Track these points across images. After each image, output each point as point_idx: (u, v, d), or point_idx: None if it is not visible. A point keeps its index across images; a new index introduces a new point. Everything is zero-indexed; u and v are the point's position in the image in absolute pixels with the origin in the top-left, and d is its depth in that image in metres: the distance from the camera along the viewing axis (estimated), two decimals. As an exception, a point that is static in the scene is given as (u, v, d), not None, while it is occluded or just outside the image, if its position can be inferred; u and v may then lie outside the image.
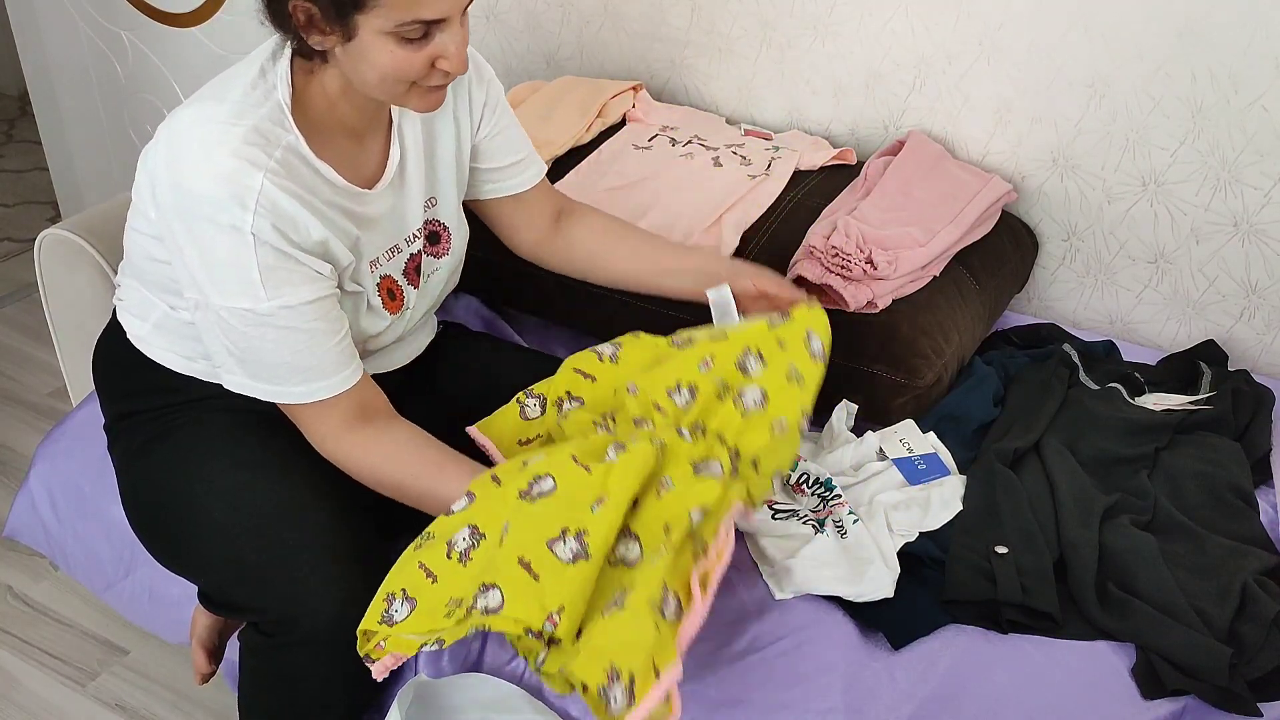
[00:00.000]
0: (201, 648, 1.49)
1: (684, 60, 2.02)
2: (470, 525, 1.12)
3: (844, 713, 1.16)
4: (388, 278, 1.29)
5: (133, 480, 1.33)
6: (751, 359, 1.24)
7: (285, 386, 1.18)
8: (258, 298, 1.12)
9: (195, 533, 1.25)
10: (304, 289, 1.15)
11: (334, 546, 1.20)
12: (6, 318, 2.58)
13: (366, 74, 1.13)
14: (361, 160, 1.25)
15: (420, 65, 1.12)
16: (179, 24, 2.34)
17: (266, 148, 1.12)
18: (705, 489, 1.13)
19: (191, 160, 1.11)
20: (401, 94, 1.16)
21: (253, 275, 1.11)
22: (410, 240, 1.32)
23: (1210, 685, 1.17)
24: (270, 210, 1.11)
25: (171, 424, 1.30)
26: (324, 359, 1.17)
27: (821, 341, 1.25)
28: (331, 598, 1.17)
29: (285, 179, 1.12)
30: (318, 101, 1.19)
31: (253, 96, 1.15)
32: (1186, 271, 1.77)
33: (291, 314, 1.14)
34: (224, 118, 1.13)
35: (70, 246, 1.65)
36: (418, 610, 1.11)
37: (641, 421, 1.26)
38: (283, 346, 1.15)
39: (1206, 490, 1.42)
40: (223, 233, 1.10)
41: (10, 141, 3.42)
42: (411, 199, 1.31)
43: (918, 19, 1.79)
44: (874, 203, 1.65)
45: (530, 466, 1.14)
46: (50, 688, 1.72)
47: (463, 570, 1.10)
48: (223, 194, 1.09)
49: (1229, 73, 1.61)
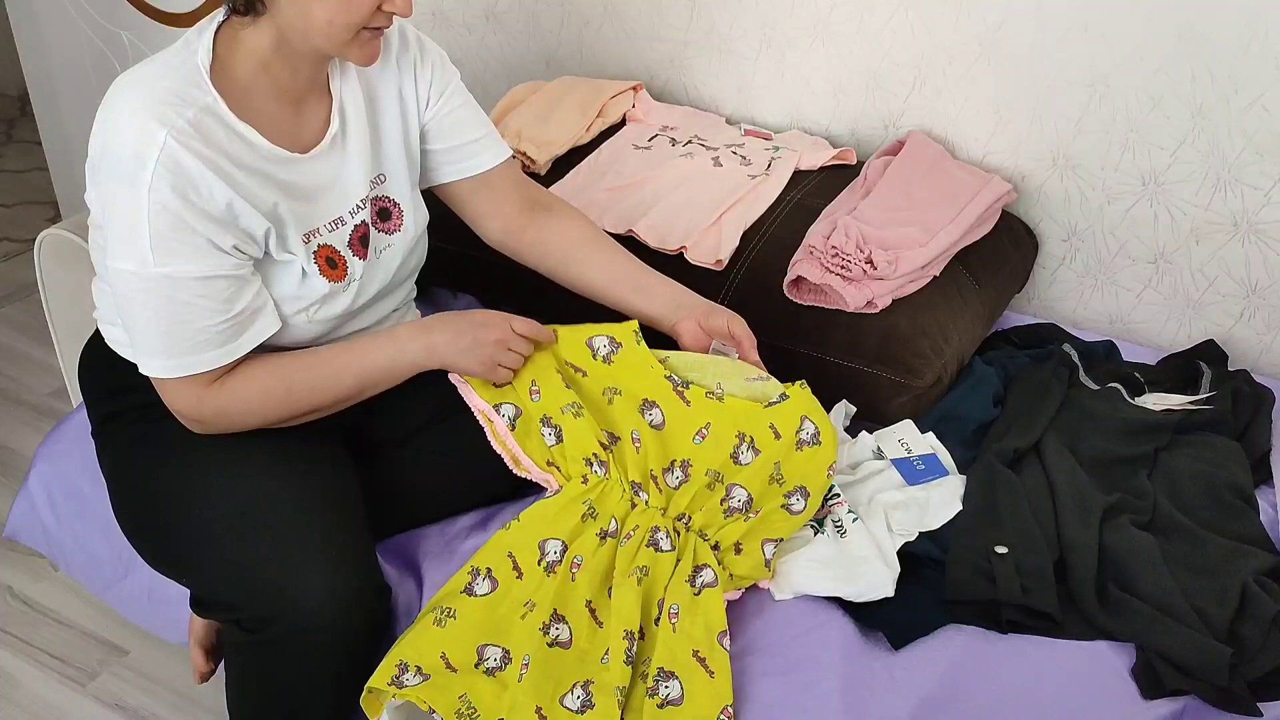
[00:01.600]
0: (200, 647, 1.49)
1: (684, 60, 2.02)
2: (501, 648, 1.19)
3: (844, 713, 1.15)
4: (327, 246, 1.27)
5: (119, 483, 1.33)
6: (744, 449, 1.28)
7: (157, 359, 1.18)
8: (145, 262, 1.12)
9: (180, 532, 1.25)
10: (193, 263, 1.14)
11: (318, 543, 1.20)
12: (6, 318, 2.58)
13: (314, 14, 1.13)
14: (297, 126, 1.24)
15: (367, 6, 1.14)
16: (179, 24, 2.34)
17: (178, 107, 1.12)
18: (712, 604, 1.22)
19: (108, 124, 1.13)
20: (345, 41, 1.16)
21: (142, 240, 1.12)
22: (354, 212, 1.30)
23: (1210, 685, 1.17)
24: (171, 169, 1.11)
25: (153, 424, 1.30)
26: (199, 336, 1.17)
27: (816, 427, 1.30)
28: (316, 595, 1.17)
29: (194, 139, 1.12)
30: (245, 63, 1.18)
31: (171, 63, 1.16)
32: (1186, 271, 1.77)
33: (172, 284, 1.14)
34: (137, 81, 1.15)
35: (70, 246, 1.65)
36: (430, 685, 1.16)
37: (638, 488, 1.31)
38: (160, 316, 1.15)
39: (1206, 490, 1.42)
40: (123, 189, 1.11)
41: (10, 141, 3.42)
42: (352, 170, 1.29)
43: (918, 19, 1.79)
44: (874, 203, 1.65)
45: (553, 596, 1.22)
46: (50, 688, 1.72)
47: (484, 681, 1.17)
48: (127, 150, 1.10)
49: (1229, 73, 1.61)
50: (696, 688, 1.16)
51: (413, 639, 1.20)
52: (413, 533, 1.41)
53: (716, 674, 1.17)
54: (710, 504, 1.28)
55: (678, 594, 1.22)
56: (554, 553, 1.26)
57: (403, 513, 1.39)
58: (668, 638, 1.19)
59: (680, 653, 1.18)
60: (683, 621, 1.20)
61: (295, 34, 1.16)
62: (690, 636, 1.19)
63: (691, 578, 1.24)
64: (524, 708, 1.14)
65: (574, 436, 1.32)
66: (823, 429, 1.30)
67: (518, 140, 1.78)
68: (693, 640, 1.19)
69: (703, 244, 1.63)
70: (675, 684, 1.16)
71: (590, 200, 1.70)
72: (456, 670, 1.17)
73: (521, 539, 1.27)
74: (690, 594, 1.23)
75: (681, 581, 1.24)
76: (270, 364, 1.24)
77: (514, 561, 1.26)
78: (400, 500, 1.38)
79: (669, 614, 1.21)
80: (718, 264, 1.60)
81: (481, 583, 1.24)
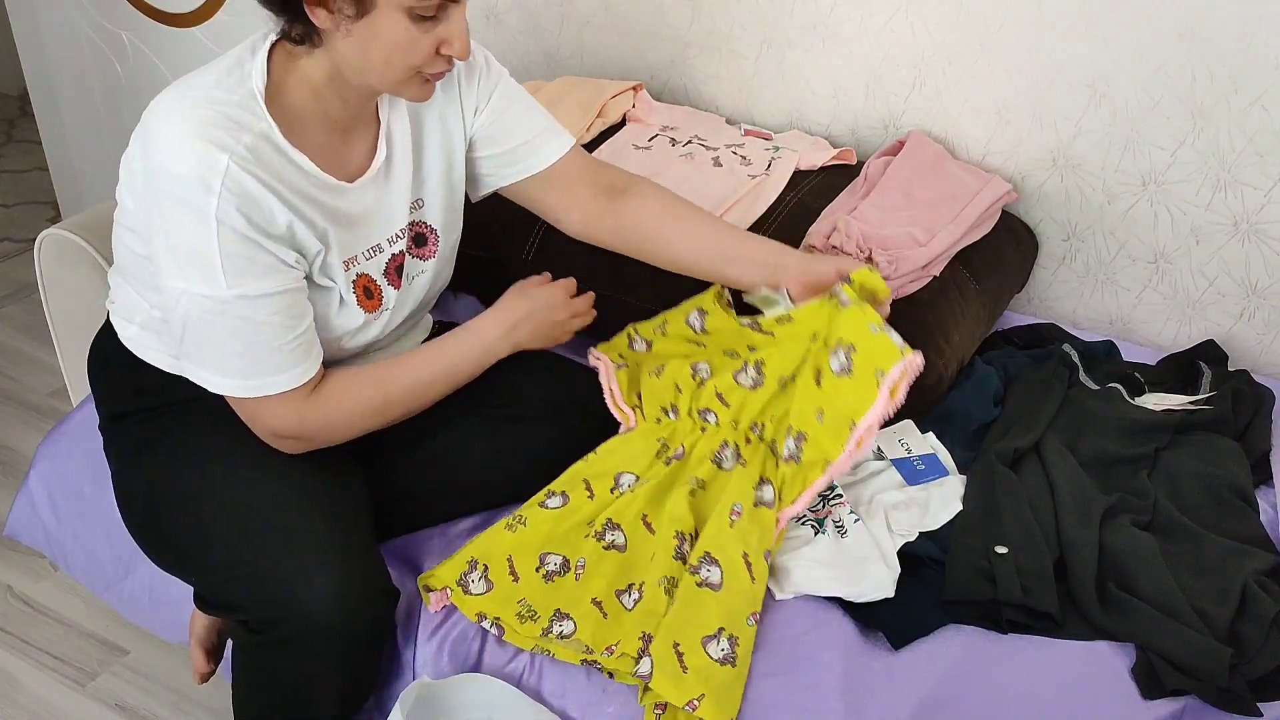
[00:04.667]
0: (200, 647, 1.49)
1: (684, 60, 2.02)
2: (561, 555, 1.29)
3: (844, 713, 1.16)
4: (364, 275, 1.28)
5: (127, 481, 1.33)
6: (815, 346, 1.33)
7: (235, 380, 1.17)
8: (217, 285, 1.11)
9: (188, 532, 1.25)
10: (265, 280, 1.14)
11: (326, 545, 1.20)
12: (6, 318, 2.58)
13: (372, 55, 1.12)
14: (344, 155, 1.24)
15: (427, 49, 1.13)
16: (179, 24, 2.34)
17: (235, 132, 1.12)
18: (767, 522, 1.29)
19: (161, 142, 1.11)
20: (401, 80, 1.16)
21: (214, 261, 1.11)
22: (393, 240, 1.31)
23: (1210, 685, 1.17)
24: (236, 193, 1.10)
25: (163, 424, 1.30)
26: (278, 354, 1.17)
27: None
28: (323, 597, 1.17)
29: (253, 164, 1.12)
30: (298, 91, 1.18)
31: (225, 84, 1.15)
32: (1186, 271, 1.77)
33: (249, 305, 1.13)
34: (193, 102, 1.13)
35: (70, 246, 1.65)
36: (493, 595, 1.25)
37: (706, 413, 1.40)
38: (236, 338, 1.15)
39: (1206, 490, 1.42)
40: (187, 214, 1.10)
41: (10, 141, 3.42)
42: (396, 198, 1.30)
43: (918, 19, 1.79)
44: (874, 203, 1.65)
45: (610, 509, 1.32)
46: (50, 688, 1.72)
47: (545, 588, 1.26)
48: (189, 175, 1.09)
49: (1229, 73, 1.61)
50: (736, 583, 1.22)
51: (484, 540, 1.30)
52: (414, 533, 1.41)
53: (757, 581, 1.24)
54: (780, 407, 1.35)
55: (743, 497, 1.29)
56: (626, 485, 1.35)
57: (405, 517, 1.40)
58: (723, 528, 1.26)
59: (730, 547, 1.24)
60: (742, 522, 1.27)
61: (350, 70, 1.16)
62: (744, 538, 1.25)
63: (758, 486, 1.32)
64: (581, 600, 1.24)
65: (651, 390, 1.44)
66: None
67: (518, 140, 1.78)
68: (745, 543, 1.25)
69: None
70: (717, 570, 1.23)
71: (590, 200, 1.70)
72: (519, 578, 1.26)
73: (598, 469, 1.36)
74: (753, 501, 1.30)
75: (749, 488, 1.31)
76: (364, 375, 1.26)
77: (588, 486, 1.35)
78: (403, 504, 1.38)
79: (731, 510, 1.28)
80: (718, 264, 1.60)
81: (554, 499, 1.33)
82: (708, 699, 1.13)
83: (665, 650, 1.17)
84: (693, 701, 1.13)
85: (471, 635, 1.28)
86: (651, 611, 1.21)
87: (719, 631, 1.19)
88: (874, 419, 1.24)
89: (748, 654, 1.19)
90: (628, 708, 1.20)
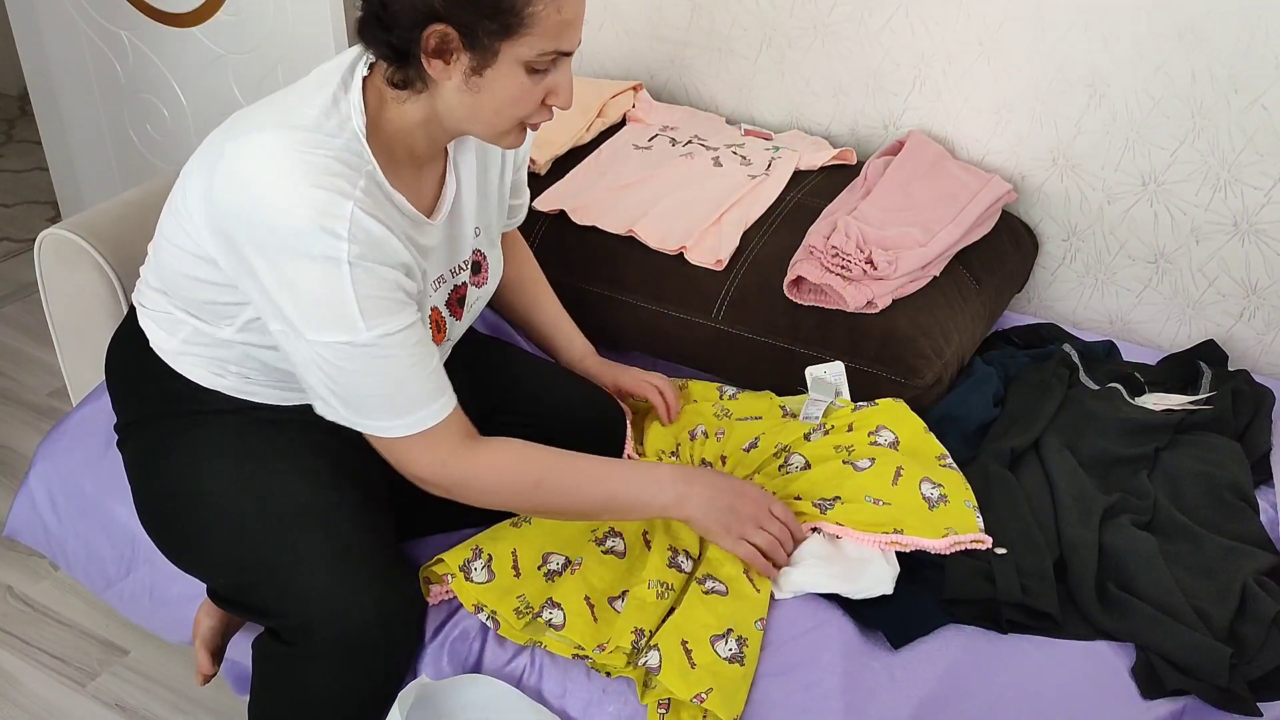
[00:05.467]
0: (205, 649, 1.48)
1: (684, 60, 2.02)
2: (564, 555, 1.30)
3: (844, 713, 1.15)
4: (435, 309, 1.27)
5: (148, 477, 1.31)
6: (817, 434, 1.43)
7: (385, 420, 1.14)
8: (356, 329, 1.08)
9: (216, 533, 1.24)
10: (401, 315, 1.11)
11: (359, 556, 1.19)
12: (6, 318, 2.58)
13: (483, 106, 1.11)
14: (421, 190, 1.22)
15: (536, 100, 1.12)
16: (179, 24, 2.33)
17: (350, 177, 1.08)
18: None
19: (272, 192, 1.05)
20: (506, 129, 1.15)
21: (350, 308, 1.07)
22: (456, 271, 1.30)
23: (1210, 685, 1.17)
24: (364, 239, 1.07)
25: (196, 428, 1.28)
26: (424, 385, 1.14)
27: (894, 434, 1.42)
28: (354, 608, 1.16)
29: (371, 207, 1.09)
30: (391, 130, 1.15)
31: (328, 125, 1.11)
32: (1186, 271, 1.77)
33: (392, 341, 1.10)
34: (301, 146, 1.07)
35: (70, 246, 1.64)
36: (493, 586, 1.26)
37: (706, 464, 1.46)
38: (383, 378, 1.11)
39: (1206, 490, 1.42)
40: (315, 265, 1.06)
41: (10, 141, 3.42)
42: (465, 230, 1.29)
43: (918, 19, 1.79)
44: (874, 203, 1.65)
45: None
46: (50, 688, 1.72)
47: (545, 585, 1.27)
48: (313, 226, 1.05)
49: (1229, 73, 1.61)
50: (741, 590, 1.25)
51: (491, 533, 1.31)
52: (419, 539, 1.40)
53: (761, 591, 1.25)
54: (771, 469, 1.41)
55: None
56: None
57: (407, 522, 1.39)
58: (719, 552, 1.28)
59: (729, 564, 1.27)
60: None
61: (453, 118, 1.14)
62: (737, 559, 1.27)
63: None
64: (574, 594, 1.25)
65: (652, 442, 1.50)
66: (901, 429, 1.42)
67: (518, 140, 1.78)
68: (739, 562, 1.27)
69: (703, 244, 1.63)
70: (722, 584, 1.25)
71: (590, 200, 1.70)
72: (520, 574, 1.27)
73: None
74: None
75: None
76: (529, 451, 1.22)
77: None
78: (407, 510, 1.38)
79: None
80: (718, 264, 1.60)
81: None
82: (716, 693, 1.14)
83: (673, 646, 1.17)
84: (700, 694, 1.14)
85: (472, 635, 1.28)
86: (641, 605, 1.21)
87: (727, 632, 1.19)
88: (919, 545, 1.29)
89: (755, 656, 1.20)
90: (628, 708, 1.20)
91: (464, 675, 1.26)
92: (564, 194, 1.72)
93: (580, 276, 1.63)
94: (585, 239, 1.66)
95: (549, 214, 1.69)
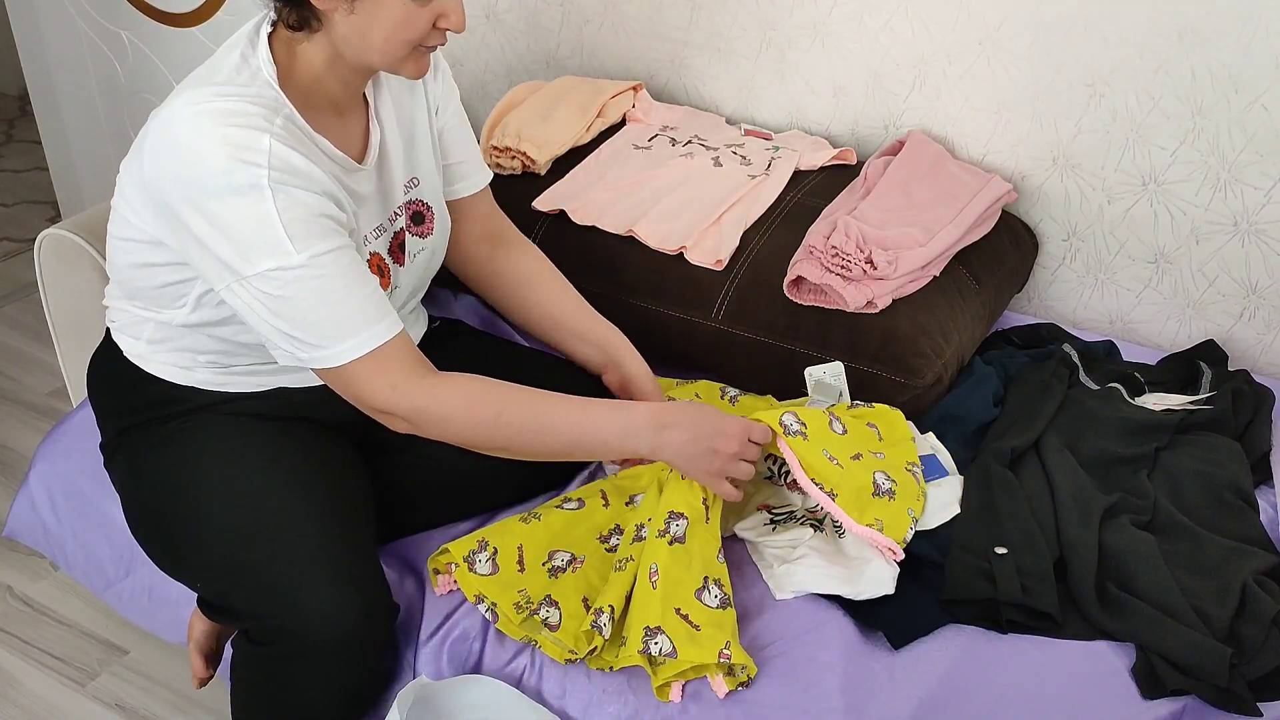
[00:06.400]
0: (199, 652, 1.49)
1: (684, 60, 2.02)
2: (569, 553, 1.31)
3: (844, 713, 1.16)
4: (376, 254, 1.28)
5: (135, 489, 1.33)
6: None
7: (333, 346, 1.15)
8: (287, 253, 1.10)
9: (196, 538, 1.25)
10: (330, 239, 1.13)
11: (334, 558, 1.20)
12: (6, 318, 2.58)
13: (373, 32, 1.13)
14: (347, 137, 1.25)
15: (424, 24, 1.15)
16: (179, 24, 2.33)
17: (266, 115, 1.12)
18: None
19: (190, 142, 1.10)
20: (400, 57, 1.17)
21: (278, 231, 1.09)
22: (393, 218, 1.32)
23: (1210, 685, 1.17)
24: (283, 166, 1.10)
25: (174, 431, 1.29)
26: (365, 305, 1.15)
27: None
28: (327, 612, 1.17)
29: (291, 141, 1.12)
30: (304, 76, 1.19)
31: (240, 77, 1.15)
32: (1186, 271, 1.77)
33: (324, 261, 1.12)
34: (214, 97, 1.12)
35: (70, 246, 1.65)
36: (496, 579, 1.27)
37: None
38: (321, 299, 1.13)
39: (1206, 490, 1.42)
40: (239, 197, 1.09)
41: (10, 141, 3.42)
42: (394, 177, 1.31)
43: (918, 19, 1.79)
44: (874, 203, 1.65)
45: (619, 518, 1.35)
46: (50, 688, 1.72)
47: (547, 582, 1.28)
48: (231, 161, 1.08)
49: (1229, 73, 1.61)
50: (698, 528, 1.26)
51: (497, 527, 1.33)
52: (414, 535, 1.41)
53: (712, 519, 1.28)
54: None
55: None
56: (638, 502, 1.36)
57: (406, 518, 1.39)
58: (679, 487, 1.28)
59: (688, 492, 1.28)
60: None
61: (350, 49, 1.16)
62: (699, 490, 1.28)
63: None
64: (573, 595, 1.26)
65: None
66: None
67: (518, 140, 1.78)
68: (703, 492, 1.28)
69: (703, 244, 1.63)
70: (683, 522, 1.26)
71: (590, 200, 1.70)
72: (524, 569, 1.28)
73: (615, 484, 1.40)
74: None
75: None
76: (489, 383, 1.22)
77: (604, 496, 1.38)
78: (400, 506, 1.38)
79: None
80: (718, 264, 1.60)
81: (570, 503, 1.36)
82: (733, 644, 1.17)
83: (675, 622, 1.17)
84: (723, 651, 1.16)
85: (472, 636, 1.28)
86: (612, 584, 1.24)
87: (705, 580, 1.22)
88: (841, 517, 1.27)
89: (729, 589, 1.24)
90: (628, 708, 1.20)
91: (464, 675, 1.26)
92: (564, 194, 1.72)
93: (580, 276, 1.63)
94: (585, 239, 1.66)
95: (549, 214, 1.69)
